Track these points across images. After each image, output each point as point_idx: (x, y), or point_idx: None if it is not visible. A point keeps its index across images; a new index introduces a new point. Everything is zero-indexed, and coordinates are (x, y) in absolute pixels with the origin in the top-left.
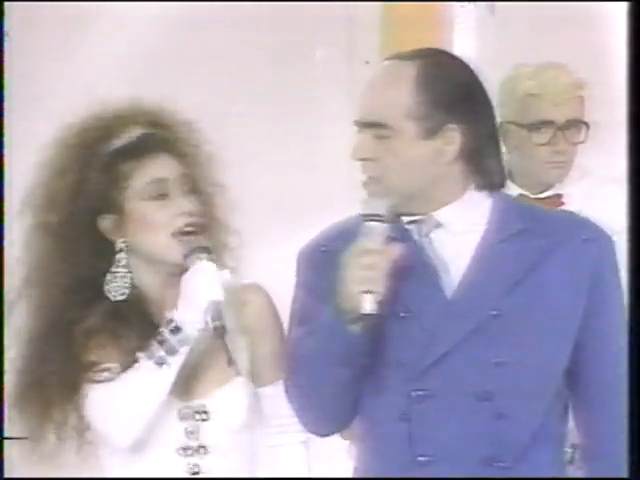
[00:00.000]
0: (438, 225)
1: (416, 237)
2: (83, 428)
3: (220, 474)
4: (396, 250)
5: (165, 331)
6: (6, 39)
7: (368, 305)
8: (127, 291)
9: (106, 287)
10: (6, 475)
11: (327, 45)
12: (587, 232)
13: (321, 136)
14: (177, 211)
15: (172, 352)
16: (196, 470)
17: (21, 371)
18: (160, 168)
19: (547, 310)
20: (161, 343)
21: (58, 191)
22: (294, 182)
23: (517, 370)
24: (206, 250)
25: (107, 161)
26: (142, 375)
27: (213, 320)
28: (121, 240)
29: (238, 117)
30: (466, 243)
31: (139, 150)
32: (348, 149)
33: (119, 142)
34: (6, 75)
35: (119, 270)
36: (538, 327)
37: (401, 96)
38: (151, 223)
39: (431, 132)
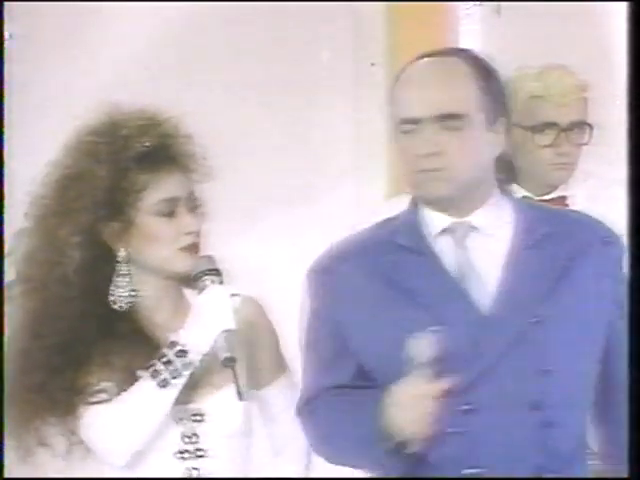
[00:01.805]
0: (473, 229)
1: (451, 247)
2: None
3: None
4: (444, 386)
5: (170, 353)
6: (9, 40)
7: (410, 444)
8: (133, 300)
9: (111, 297)
10: (6, 475)
11: (332, 46)
12: (603, 233)
13: (326, 137)
14: (184, 229)
15: (176, 375)
16: (194, 474)
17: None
18: (174, 185)
19: (582, 314)
20: (166, 365)
21: (66, 194)
22: (296, 185)
23: (564, 377)
24: (216, 273)
25: (123, 168)
26: (144, 396)
27: (224, 351)
28: (123, 250)
29: (241, 118)
30: (497, 251)
31: (155, 162)
32: (353, 151)
33: (136, 150)
34: (6, 76)
35: (122, 279)
36: (577, 332)
37: (469, 88)
38: (158, 237)
39: (492, 122)
